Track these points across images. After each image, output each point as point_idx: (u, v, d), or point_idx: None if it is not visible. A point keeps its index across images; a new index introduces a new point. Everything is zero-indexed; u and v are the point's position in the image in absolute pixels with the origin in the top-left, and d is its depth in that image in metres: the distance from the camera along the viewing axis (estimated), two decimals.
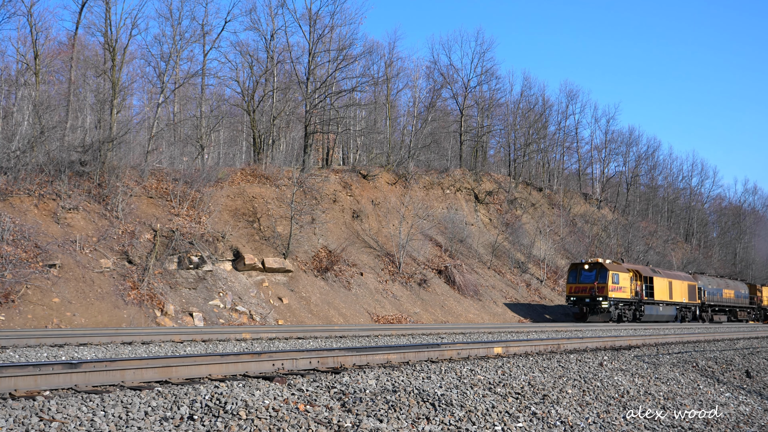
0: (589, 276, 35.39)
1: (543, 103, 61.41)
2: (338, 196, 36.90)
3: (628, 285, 36.11)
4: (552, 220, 54.07)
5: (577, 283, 35.94)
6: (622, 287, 35.49)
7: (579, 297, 35.55)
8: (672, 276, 41.55)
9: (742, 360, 12.95)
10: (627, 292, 35.97)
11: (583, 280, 35.49)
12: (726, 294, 48.73)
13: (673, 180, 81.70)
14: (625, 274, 36.11)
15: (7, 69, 31.23)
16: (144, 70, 42.16)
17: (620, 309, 35.58)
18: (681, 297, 41.42)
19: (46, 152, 25.70)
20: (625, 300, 35.93)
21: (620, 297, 35.42)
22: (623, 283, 35.70)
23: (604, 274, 34.92)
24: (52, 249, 22.07)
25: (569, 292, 36.50)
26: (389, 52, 62.39)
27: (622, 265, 37.10)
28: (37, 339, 11.18)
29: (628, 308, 36.47)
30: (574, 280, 36.26)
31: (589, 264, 35.85)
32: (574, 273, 36.50)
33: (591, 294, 34.74)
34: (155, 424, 4.93)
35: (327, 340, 14.24)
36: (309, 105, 38.35)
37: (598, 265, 35.54)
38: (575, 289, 35.97)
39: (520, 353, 11.27)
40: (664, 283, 39.96)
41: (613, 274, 35.01)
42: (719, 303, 47.25)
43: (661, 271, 40.85)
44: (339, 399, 6.21)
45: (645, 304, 37.68)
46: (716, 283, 47.99)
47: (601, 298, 34.44)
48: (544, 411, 6.75)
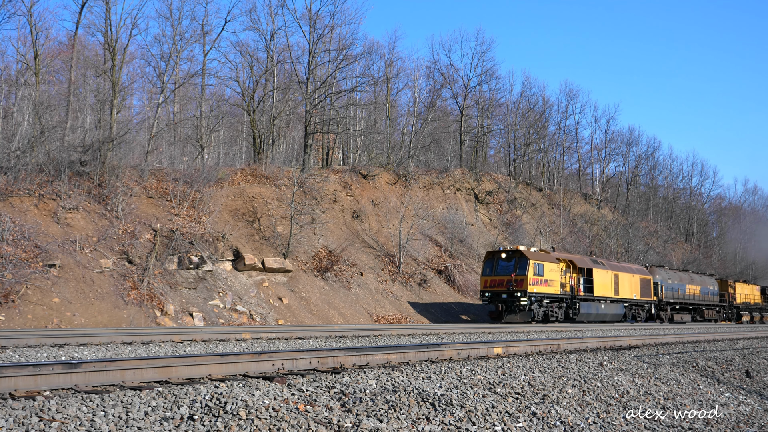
0: (507, 267, 29.54)
1: (543, 103, 61.46)
2: (338, 196, 36.90)
3: (557, 278, 30.52)
4: (552, 220, 54.08)
5: (492, 276, 29.97)
6: (548, 280, 29.92)
7: (494, 292, 29.60)
8: (619, 268, 36.37)
9: (742, 360, 12.95)
10: (555, 286, 30.38)
11: (500, 272, 29.63)
12: (690, 290, 43.75)
13: (673, 180, 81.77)
14: (552, 265, 30.47)
15: (7, 69, 31.24)
16: (144, 70, 42.20)
17: (546, 306, 30.10)
18: (631, 293, 36.18)
19: (46, 152, 25.69)
20: (553, 296, 30.33)
21: (545, 292, 29.84)
22: (550, 275, 30.09)
23: (523, 264, 29.08)
24: (52, 249, 22.07)
25: (483, 287, 30.35)
26: (389, 52, 62.39)
27: (549, 254, 31.86)
28: (37, 339, 11.18)
29: (557, 306, 30.90)
30: (490, 272, 30.23)
31: (507, 252, 30.05)
32: (490, 263, 30.50)
33: (508, 288, 28.91)
34: (155, 424, 4.93)
35: (327, 340, 14.24)
36: (309, 105, 38.35)
37: (517, 253, 29.68)
38: (490, 282, 30.02)
39: (520, 353, 11.27)
40: (607, 276, 34.45)
41: (536, 264, 29.32)
42: (681, 300, 42.26)
43: (604, 262, 35.68)
44: (339, 399, 6.21)
45: (580, 301, 31.99)
46: (678, 278, 43.05)
47: (519, 293, 28.56)
48: (544, 411, 6.75)
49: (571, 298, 31.57)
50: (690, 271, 47.69)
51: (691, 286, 43.91)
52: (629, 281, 36.25)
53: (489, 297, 29.88)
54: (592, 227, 59.55)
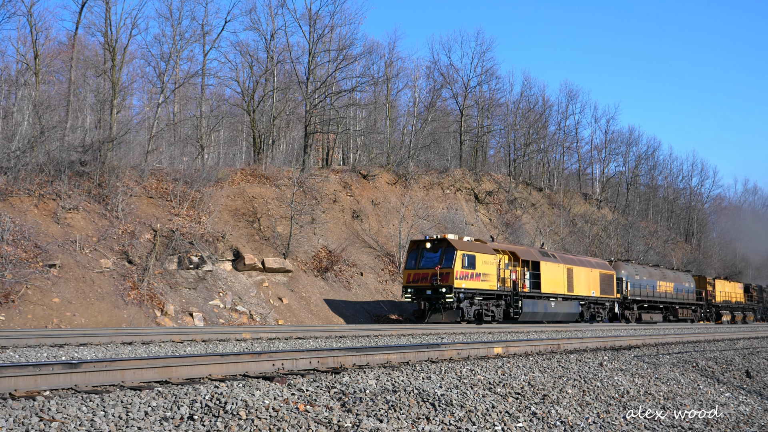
0: (432, 258, 25.52)
1: (543, 103, 61.47)
2: (338, 196, 36.90)
3: (494, 271, 26.65)
4: (552, 220, 54.07)
5: (416, 269, 25.89)
6: (481, 274, 25.99)
7: (417, 288, 25.55)
8: (574, 262, 32.51)
9: (742, 360, 12.95)
10: (491, 280, 26.48)
11: (425, 265, 25.62)
12: (661, 287, 40.20)
13: (673, 180, 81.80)
14: (487, 256, 26.49)
15: (7, 69, 31.24)
16: (144, 70, 42.20)
17: (479, 304, 26.14)
18: (588, 289, 32.52)
19: (46, 152, 25.69)
20: (488, 292, 26.43)
21: (477, 287, 25.78)
22: (484, 268, 26.14)
23: (450, 254, 25.05)
24: (52, 249, 22.07)
25: (406, 281, 26.11)
26: (389, 52, 62.40)
27: (485, 245, 27.88)
28: (37, 339, 11.18)
29: (494, 304, 26.99)
30: (414, 265, 26.08)
31: (432, 241, 25.98)
32: (415, 254, 26.37)
33: (432, 283, 24.98)
34: (155, 424, 4.93)
35: (327, 340, 14.24)
36: (309, 105, 38.35)
37: (443, 242, 25.63)
38: (414, 276, 25.86)
39: (520, 353, 11.28)
40: (559, 270, 30.53)
41: (465, 256, 25.30)
42: (651, 298, 38.76)
43: (556, 255, 31.75)
44: (339, 399, 6.21)
45: (524, 298, 28.07)
46: (647, 274, 39.35)
47: (445, 288, 24.56)
48: (544, 411, 6.75)
49: (512, 295, 27.67)
50: (662, 267, 44.43)
51: (663, 282, 40.58)
52: (587, 277, 32.50)
53: (412, 293, 25.74)
54: (592, 227, 59.56)
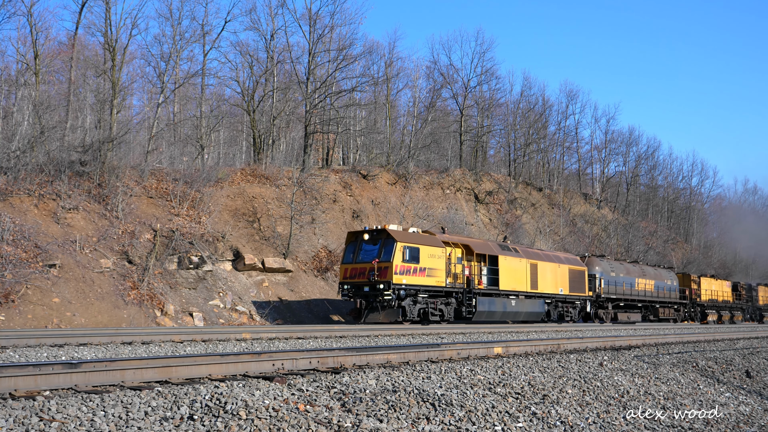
0: (371, 251, 22.94)
1: (543, 103, 61.50)
2: (338, 196, 36.90)
3: (442, 266, 24.03)
4: (552, 220, 54.08)
5: (354, 263, 23.27)
6: (427, 269, 23.39)
7: (354, 284, 22.86)
8: (539, 257, 29.93)
9: (742, 360, 12.95)
10: (439, 276, 23.83)
11: (363, 258, 23.02)
12: (640, 285, 37.78)
13: (673, 180, 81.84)
14: (434, 249, 23.79)
15: (7, 69, 31.25)
16: (144, 70, 42.22)
17: (424, 302, 23.38)
18: (555, 287, 30.02)
19: (46, 152, 25.70)
20: (435, 289, 23.74)
21: (421, 284, 23.09)
22: (430, 262, 23.53)
23: (389, 247, 22.43)
24: (52, 249, 22.07)
25: (343, 277, 23.47)
26: (389, 52, 62.42)
27: (432, 236, 24.81)
28: (37, 339, 11.18)
29: (443, 302, 24.31)
30: (351, 259, 23.48)
31: (371, 232, 23.34)
32: (352, 247, 23.77)
33: (369, 279, 22.36)
34: (155, 424, 4.93)
35: (327, 340, 14.24)
36: (309, 105, 38.36)
37: (382, 233, 22.95)
38: (351, 272, 23.20)
39: (520, 353, 11.28)
40: (521, 266, 27.88)
41: (407, 248, 22.62)
42: (628, 296, 36.40)
43: (518, 249, 29.01)
44: (339, 399, 6.21)
45: (478, 296, 25.35)
46: (624, 270, 36.92)
47: (383, 285, 21.94)
48: (544, 411, 6.75)
49: (465, 292, 24.95)
50: (641, 263, 41.81)
51: (642, 280, 38.13)
52: (553, 273, 30.03)
53: (349, 290, 22.99)
54: (592, 227, 59.56)
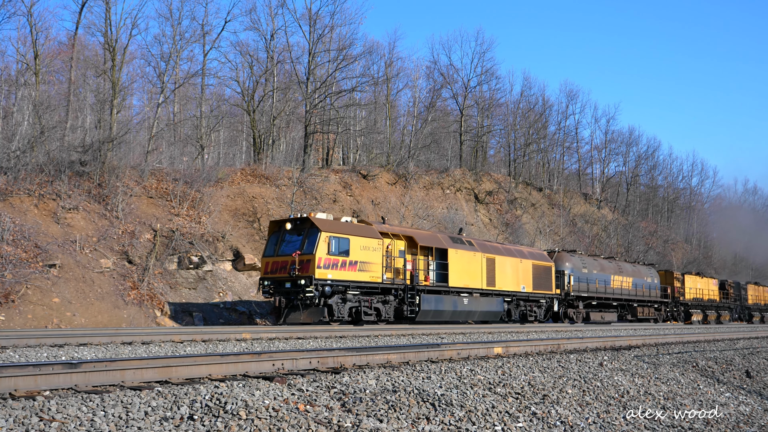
0: (294, 243, 20.25)
1: (543, 103, 61.53)
2: (338, 196, 36.90)
3: (378, 260, 21.30)
4: (552, 220, 54.08)
5: (275, 256, 20.59)
6: (358, 262, 20.65)
7: (276, 280, 20.26)
8: (498, 251, 26.98)
9: (742, 360, 12.95)
10: (374, 271, 21.08)
11: (286, 251, 20.30)
12: (616, 282, 35.15)
13: (673, 180, 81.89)
14: (368, 241, 21.08)
15: (7, 69, 31.25)
16: (144, 70, 42.23)
17: (356, 300, 20.77)
18: (517, 284, 27.39)
19: (46, 152, 25.70)
20: (369, 285, 21.04)
21: (352, 279, 20.44)
22: (362, 255, 20.79)
23: (312, 237, 19.82)
24: (52, 249, 22.07)
25: (264, 272, 20.86)
26: (389, 52, 62.44)
27: (369, 227, 21.98)
28: (37, 339, 11.18)
29: (380, 299, 21.64)
30: (273, 251, 20.84)
31: (294, 222, 20.71)
32: (275, 238, 21.08)
33: (290, 274, 19.72)
34: (155, 424, 4.93)
35: (327, 340, 14.24)
36: (309, 105, 38.36)
37: (306, 222, 20.38)
38: (272, 266, 20.60)
39: (520, 353, 11.28)
40: (475, 260, 25.09)
41: (334, 239, 19.94)
42: (602, 295, 33.82)
43: (473, 242, 26.03)
44: (339, 399, 6.21)
45: (424, 293, 22.60)
46: (598, 267, 34.27)
47: (304, 280, 19.29)
48: (544, 411, 6.75)
49: (406, 288, 22.28)
50: (618, 259, 39.29)
51: (619, 277, 35.64)
52: (515, 269, 27.33)
53: (269, 287, 20.34)
54: (592, 227, 59.57)
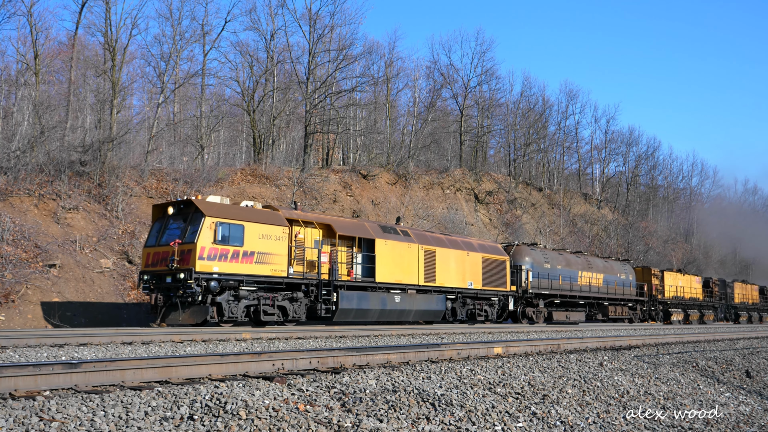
0: (177, 231, 17.52)
1: (543, 103, 61.56)
2: (338, 196, 36.90)
3: (283, 250, 18.44)
4: (552, 220, 54.09)
5: (156, 246, 17.81)
6: (256, 253, 17.79)
7: (156, 274, 17.41)
8: (439, 242, 24.19)
9: (742, 360, 12.95)
10: (278, 263, 18.27)
11: (168, 239, 17.46)
12: (585, 279, 32.38)
13: (673, 180, 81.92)
14: (270, 228, 18.23)
15: (7, 69, 31.25)
16: (144, 70, 42.22)
17: (254, 298, 17.96)
18: (463, 280, 24.56)
19: (46, 152, 25.70)
20: (272, 280, 18.19)
21: (247, 272, 17.57)
22: (262, 244, 17.94)
23: (195, 224, 17.07)
24: (52, 249, 22.07)
25: (145, 265, 17.96)
26: (389, 52, 62.49)
27: (272, 212, 18.99)
28: (37, 339, 11.18)
29: (287, 297, 18.83)
30: (154, 241, 18.06)
31: (177, 205, 18.06)
32: (159, 225, 18.32)
33: (169, 266, 16.94)
34: (155, 424, 4.93)
35: (327, 340, 14.24)
36: (309, 105, 38.37)
37: (190, 207, 17.68)
38: (153, 257, 17.76)
39: (520, 353, 11.28)
40: (410, 252, 22.43)
41: (221, 225, 17.05)
42: (568, 292, 30.83)
43: (409, 232, 23.23)
44: (339, 399, 6.21)
45: (343, 290, 19.99)
46: (563, 262, 31.30)
47: (184, 273, 16.54)
48: (544, 411, 6.75)
49: (320, 284, 19.37)
50: (588, 254, 36.22)
51: (587, 273, 32.81)
52: (460, 263, 24.48)
53: (149, 282, 17.48)
54: (592, 227, 59.58)
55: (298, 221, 19.68)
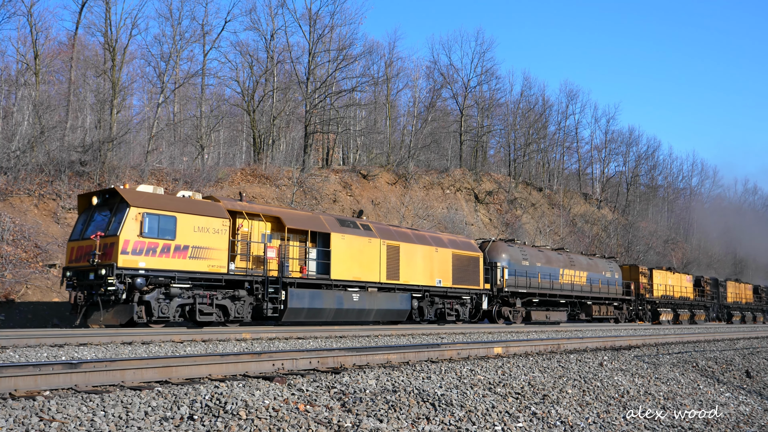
0: (102, 223, 16.11)
1: (543, 103, 61.58)
2: (338, 196, 36.91)
3: (223, 244, 17.01)
4: (552, 220, 54.09)
5: (80, 240, 16.35)
6: (191, 247, 16.36)
7: (79, 270, 15.97)
8: (404, 237, 22.76)
9: (742, 360, 12.96)
10: (217, 259, 16.83)
11: (93, 232, 15.95)
12: (567, 277, 30.91)
13: (673, 180, 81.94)
14: (206, 220, 16.75)
15: (7, 69, 31.26)
16: (144, 70, 42.23)
17: (190, 297, 16.52)
18: (430, 277, 23.18)
19: (46, 152, 25.70)
20: (209, 277, 16.72)
21: (179, 268, 16.09)
22: (196, 238, 16.52)
23: (120, 215, 15.62)
24: (52, 249, 22.07)
25: (69, 260, 16.53)
26: (389, 52, 62.53)
27: (209, 203, 17.51)
28: (37, 339, 11.18)
29: (227, 295, 17.35)
30: (78, 234, 16.59)
31: (102, 194, 16.69)
32: (84, 217, 16.87)
33: (90, 261, 15.49)
34: (155, 424, 4.93)
35: (327, 340, 14.24)
36: (309, 105, 38.37)
37: (115, 197, 16.30)
38: (77, 252, 16.32)
39: (520, 353, 11.28)
40: (370, 247, 21.05)
41: (148, 216, 15.61)
42: (548, 291, 29.46)
43: (370, 226, 21.72)
44: (339, 399, 6.21)
45: (293, 287, 18.59)
46: (543, 259, 29.81)
47: (105, 270, 15.18)
48: (544, 411, 6.75)
49: (267, 281, 17.97)
50: (570, 252, 34.73)
51: (569, 271, 31.27)
52: (427, 259, 23.12)
53: (72, 279, 16.11)
54: (592, 227, 59.59)
55: (241, 213, 18.24)
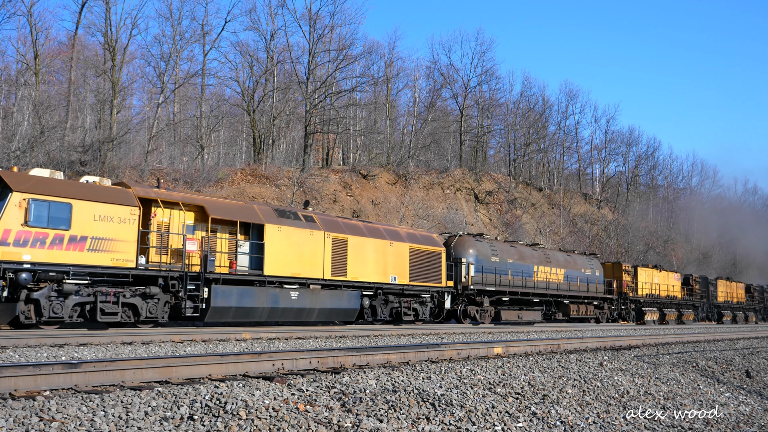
0: None
1: (543, 103, 61.60)
2: (338, 196, 36.91)
3: (131, 236, 15.27)
4: (552, 220, 54.09)
5: None
6: (90, 238, 14.61)
7: None
8: (353, 229, 21.09)
9: (742, 360, 12.96)
10: (124, 252, 15.07)
11: None
12: (542, 274, 29.20)
13: (673, 180, 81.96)
14: (109, 208, 14.99)
15: (7, 69, 31.26)
16: (144, 70, 42.23)
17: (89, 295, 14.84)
18: (384, 273, 21.53)
19: (46, 152, 25.71)
20: (113, 272, 15.04)
21: (75, 262, 14.40)
22: (97, 228, 14.76)
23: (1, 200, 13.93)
24: None
25: None
26: (389, 52, 62.47)
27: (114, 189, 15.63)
28: (37, 339, 11.18)
29: (137, 292, 15.60)
30: None
31: None
32: None
33: None
34: (155, 424, 4.93)
35: (327, 340, 14.25)
36: (309, 105, 38.38)
37: None
38: None
39: (520, 353, 11.28)
40: (314, 240, 19.36)
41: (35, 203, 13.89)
42: (519, 289, 27.67)
43: (314, 218, 20.04)
44: (339, 399, 6.21)
45: (217, 284, 16.85)
46: (515, 255, 28.07)
47: None
48: (544, 411, 6.75)
49: (186, 277, 16.27)
50: (546, 248, 33.08)
51: (545, 268, 29.53)
52: (380, 253, 21.41)
53: None
54: (592, 227, 59.59)
55: (156, 201, 16.36)
